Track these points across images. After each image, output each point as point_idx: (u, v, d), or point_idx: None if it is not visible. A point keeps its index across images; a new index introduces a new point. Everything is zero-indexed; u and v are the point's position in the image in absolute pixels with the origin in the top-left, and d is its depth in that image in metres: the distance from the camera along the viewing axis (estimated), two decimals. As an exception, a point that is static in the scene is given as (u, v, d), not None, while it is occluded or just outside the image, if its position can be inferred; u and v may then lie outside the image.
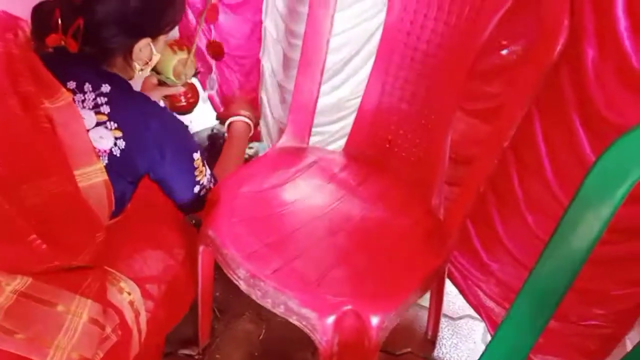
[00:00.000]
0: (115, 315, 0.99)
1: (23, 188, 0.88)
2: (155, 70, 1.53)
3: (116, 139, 1.02)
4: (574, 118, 0.89)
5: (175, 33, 1.73)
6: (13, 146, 0.91)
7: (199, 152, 1.16)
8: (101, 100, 1.03)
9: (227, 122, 1.48)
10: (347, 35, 1.28)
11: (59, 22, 1.01)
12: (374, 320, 0.94)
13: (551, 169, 0.94)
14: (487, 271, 1.16)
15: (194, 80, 1.66)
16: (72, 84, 1.03)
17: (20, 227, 0.86)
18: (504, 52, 1.05)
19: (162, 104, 1.59)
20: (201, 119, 2.01)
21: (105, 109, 1.02)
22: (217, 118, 1.60)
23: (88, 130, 1.00)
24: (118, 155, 1.03)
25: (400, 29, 1.13)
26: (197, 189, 1.16)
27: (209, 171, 1.20)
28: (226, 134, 1.49)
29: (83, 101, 1.02)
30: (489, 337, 1.45)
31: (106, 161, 1.02)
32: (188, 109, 1.62)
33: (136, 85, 1.21)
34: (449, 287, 1.35)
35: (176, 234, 1.21)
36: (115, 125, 1.02)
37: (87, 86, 1.03)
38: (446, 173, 1.16)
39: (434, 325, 1.40)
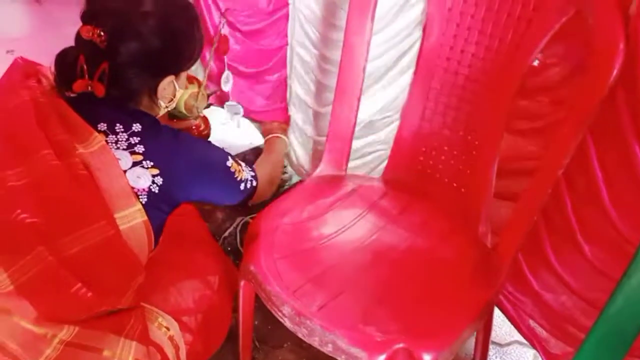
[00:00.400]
0: (157, 353, 0.97)
1: (66, 240, 0.88)
2: None
3: (153, 176, 1.01)
4: (632, 143, 0.85)
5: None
6: (52, 198, 0.91)
7: (229, 157, 1.15)
8: (134, 140, 1.02)
9: (265, 138, 1.53)
10: (377, 61, 1.26)
11: (84, 67, 1.01)
12: (427, 358, 0.90)
13: (609, 196, 0.90)
14: (539, 300, 1.12)
15: (207, 111, 1.65)
16: (102, 126, 1.02)
17: (64, 277, 0.85)
18: (535, 63, 1.02)
19: None
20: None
21: (140, 148, 1.01)
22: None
23: (125, 172, 0.99)
24: (157, 192, 1.01)
25: (439, 54, 1.10)
26: (242, 186, 1.16)
27: (245, 167, 1.19)
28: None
29: (116, 142, 1.01)
30: (539, 364, 1.41)
31: (145, 200, 1.01)
32: None
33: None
34: (496, 312, 1.30)
35: (209, 259, 1.20)
36: (152, 163, 1.01)
37: (119, 127, 1.02)
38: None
39: (482, 352, 1.35)
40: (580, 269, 1.00)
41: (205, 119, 1.59)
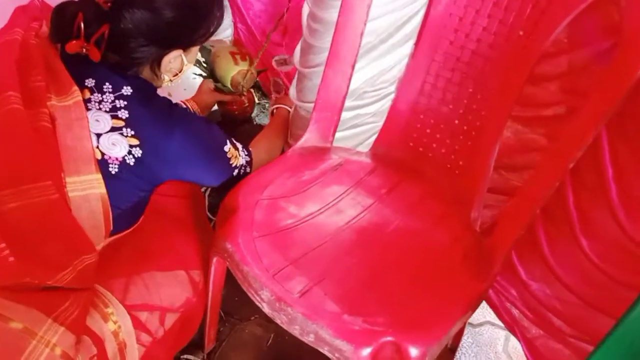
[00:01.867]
0: (93, 345, 0.87)
1: (5, 192, 0.78)
2: (213, 75, 1.56)
3: (131, 147, 0.91)
4: (651, 140, 0.80)
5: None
6: (1, 143, 0.81)
7: (228, 141, 1.07)
8: (120, 103, 0.91)
9: (271, 109, 1.49)
10: (372, 23, 1.15)
11: (82, 27, 0.89)
12: (415, 353, 0.85)
13: (617, 194, 0.85)
14: (525, 289, 1.08)
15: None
16: (90, 82, 0.92)
17: None
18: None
19: (215, 107, 1.66)
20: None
21: (124, 113, 0.91)
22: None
23: (100, 135, 0.89)
24: (132, 164, 0.92)
25: (446, 24, 1.01)
26: (235, 172, 1.09)
27: (242, 151, 1.12)
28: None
29: (100, 102, 0.91)
30: (510, 347, 1.40)
31: (116, 170, 0.91)
32: (241, 117, 1.64)
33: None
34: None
35: (193, 248, 1.10)
36: (132, 132, 0.91)
37: (107, 86, 0.92)
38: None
39: (457, 333, 1.32)
40: (575, 262, 0.96)
41: (250, 96, 1.60)
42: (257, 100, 1.73)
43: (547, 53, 0.92)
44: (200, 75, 1.63)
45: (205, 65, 1.62)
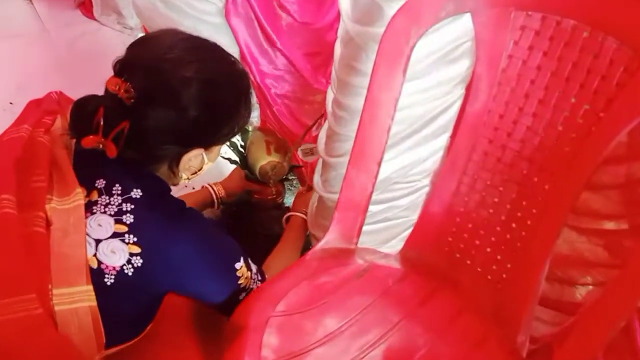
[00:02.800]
0: None
1: None
2: (245, 161, 1.54)
3: (131, 255, 0.83)
4: None
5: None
6: None
7: (242, 258, 0.97)
8: (127, 207, 0.85)
9: (285, 216, 1.44)
10: (402, 113, 1.04)
11: (101, 122, 0.85)
12: None
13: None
14: None
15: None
16: (100, 183, 0.87)
17: None
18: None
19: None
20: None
21: (129, 218, 0.84)
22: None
23: (99, 241, 0.82)
24: (130, 274, 0.83)
25: (484, 122, 0.88)
26: (241, 296, 0.98)
27: (255, 274, 1.02)
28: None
29: (106, 205, 0.85)
30: None
31: (112, 281, 0.82)
32: (267, 206, 1.59)
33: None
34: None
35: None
36: (135, 239, 0.83)
37: (117, 188, 0.86)
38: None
39: None
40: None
41: (279, 189, 1.56)
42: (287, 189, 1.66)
43: (607, 158, 0.78)
44: (230, 159, 1.58)
45: (242, 149, 1.57)
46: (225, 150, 1.55)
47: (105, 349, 0.84)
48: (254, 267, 1.02)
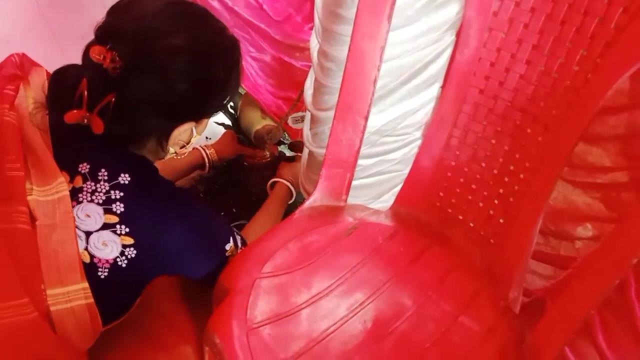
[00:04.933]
0: None
1: None
2: (238, 124, 1.51)
3: (125, 247, 0.79)
4: None
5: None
6: None
7: (232, 238, 0.95)
8: (116, 194, 0.80)
9: (270, 182, 1.43)
10: (390, 63, 0.98)
11: (85, 94, 0.78)
12: None
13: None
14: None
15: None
16: (84, 167, 0.80)
17: None
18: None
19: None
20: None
21: (119, 207, 0.79)
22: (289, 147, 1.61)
23: (90, 234, 0.78)
24: (124, 266, 0.80)
25: (475, 71, 0.83)
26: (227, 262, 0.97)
27: (240, 245, 1.01)
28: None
29: (93, 192, 0.79)
30: None
31: (105, 274, 0.79)
32: (259, 167, 1.57)
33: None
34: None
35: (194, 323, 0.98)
36: (127, 230, 0.79)
37: (103, 173, 0.80)
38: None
39: None
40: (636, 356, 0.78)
41: (273, 151, 1.54)
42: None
43: (604, 108, 0.73)
44: (223, 124, 1.53)
45: (233, 111, 1.52)
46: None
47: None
48: (240, 242, 1.00)
